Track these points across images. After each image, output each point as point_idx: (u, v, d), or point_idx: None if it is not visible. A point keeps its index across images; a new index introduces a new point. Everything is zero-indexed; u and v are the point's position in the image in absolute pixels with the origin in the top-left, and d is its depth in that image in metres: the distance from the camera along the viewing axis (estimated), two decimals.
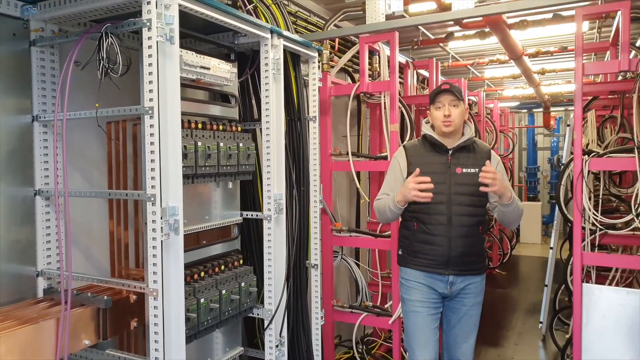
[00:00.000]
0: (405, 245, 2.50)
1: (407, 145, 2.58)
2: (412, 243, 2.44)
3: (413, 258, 2.44)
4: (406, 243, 2.49)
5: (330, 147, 3.77)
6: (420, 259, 2.41)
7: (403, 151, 2.52)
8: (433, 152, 2.44)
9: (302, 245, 2.66)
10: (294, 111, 2.64)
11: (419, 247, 2.41)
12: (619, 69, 2.93)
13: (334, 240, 3.76)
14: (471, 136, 2.46)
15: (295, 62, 2.66)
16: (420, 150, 2.47)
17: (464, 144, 2.42)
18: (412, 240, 2.44)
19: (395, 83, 3.51)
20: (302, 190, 2.65)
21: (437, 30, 5.10)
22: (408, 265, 2.45)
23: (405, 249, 2.49)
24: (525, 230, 10.16)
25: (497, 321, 5.47)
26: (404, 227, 2.53)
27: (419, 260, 2.41)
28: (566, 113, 12.04)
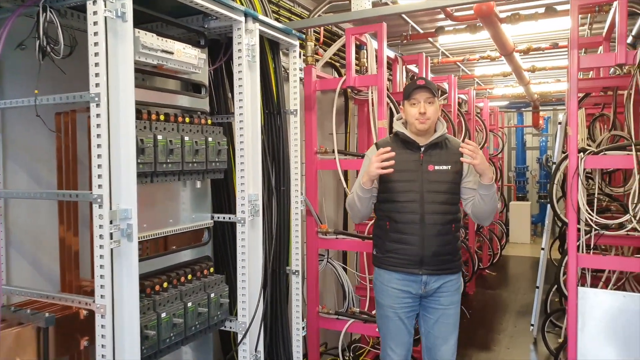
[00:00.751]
0: (378, 244, 2.46)
1: (380, 143, 2.51)
2: (385, 242, 2.39)
3: (387, 258, 2.39)
4: (379, 242, 2.45)
5: (316, 144, 3.58)
6: (393, 259, 2.36)
7: (375, 149, 2.45)
8: (405, 150, 2.39)
9: (282, 250, 2.46)
10: (273, 104, 2.44)
11: (392, 247, 2.37)
12: (615, 62, 2.78)
13: (319, 242, 3.57)
14: (443, 133, 2.41)
15: (275, 50, 2.46)
16: (392, 148, 2.35)
17: (436, 141, 2.38)
18: (385, 240, 2.39)
19: (383, 77, 3.33)
20: (282, 190, 2.45)
21: (427, 25, 4.93)
22: (382, 266, 2.41)
23: (379, 249, 2.45)
24: (514, 230, 10.08)
25: (488, 323, 5.33)
26: (377, 226, 2.49)
27: (391, 259, 2.37)
28: (555, 113, 11.99)
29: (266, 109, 2.44)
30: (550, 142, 11.94)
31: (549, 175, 11.40)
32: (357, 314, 3.48)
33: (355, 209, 2.41)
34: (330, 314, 3.53)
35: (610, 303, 2.79)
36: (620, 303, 2.77)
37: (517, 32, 4.84)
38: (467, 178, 2.41)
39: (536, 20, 3.87)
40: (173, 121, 1.84)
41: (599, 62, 3.06)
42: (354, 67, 3.50)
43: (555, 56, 6.21)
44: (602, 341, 2.81)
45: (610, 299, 2.80)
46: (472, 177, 2.39)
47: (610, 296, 2.81)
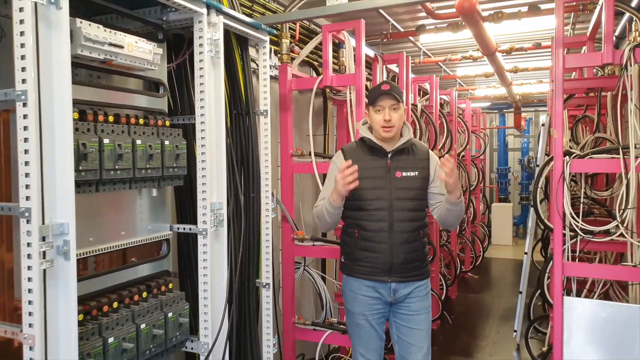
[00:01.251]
0: (347, 252, 2.40)
1: (346, 148, 2.45)
2: (354, 250, 2.34)
3: (355, 266, 2.34)
4: (348, 250, 2.39)
5: (292, 146, 3.41)
6: (362, 267, 2.32)
7: (342, 155, 2.40)
8: (372, 156, 2.34)
9: (251, 261, 2.28)
10: (241, 104, 2.27)
11: (360, 255, 2.32)
12: (602, 61, 2.67)
13: (295, 250, 3.40)
14: (410, 138, 2.37)
15: (243, 46, 2.29)
16: (358, 154, 2.35)
17: (402, 147, 2.34)
18: (354, 248, 2.34)
19: (362, 76, 3.18)
20: (252, 197, 2.28)
21: (408, 23, 4.80)
22: (351, 273, 2.36)
23: (347, 257, 2.40)
24: (496, 232, 10.04)
25: (470, 329, 5.23)
26: (345, 233, 2.43)
27: (361, 267, 2.32)
28: (536, 114, 12.01)
29: (234, 109, 2.27)
30: (532, 144, 11.96)
31: (531, 177, 11.48)
32: (335, 325, 3.32)
33: (324, 221, 2.33)
34: (307, 325, 3.36)
35: (597, 313, 2.68)
36: (608, 313, 2.66)
37: (500, 31, 4.74)
38: (434, 183, 2.37)
39: (519, 19, 3.76)
40: (124, 123, 1.65)
41: (585, 61, 2.96)
42: (331, 66, 3.34)
43: (537, 57, 6.14)
44: (589, 352, 2.70)
45: (597, 309, 2.68)
46: (438, 182, 2.34)
47: (597, 306, 2.69)
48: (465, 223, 7.01)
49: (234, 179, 2.14)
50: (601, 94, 3.78)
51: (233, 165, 2.14)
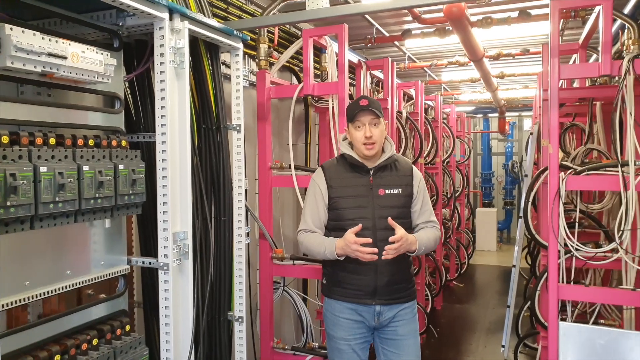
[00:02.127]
0: (328, 274, 2.30)
1: (326, 165, 2.34)
2: (336, 272, 2.24)
3: (337, 288, 2.24)
4: (329, 272, 2.29)
5: (270, 158, 3.19)
6: (344, 289, 2.22)
7: (322, 173, 2.30)
8: (353, 173, 2.25)
9: (222, 293, 2.06)
10: (212, 118, 2.05)
11: (343, 277, 2.21)
12: (599, 72, 2.52)
13: (274, 269, 3.18)
14: (392, 154, 2.29)
15: (213, 54, 2.06)
16: (340, 172, 2.27)
17: (385, 163, 2.26)
18: (336, 269, 2.23)
19: (345, 84, 2.98)
20: (223, 222, 2.06)
21: (393, 28, 4.62)
22: (332, 296, 2.26)
23: (329, 278, 2.29)
24: (481, 238, 9.97)
25: (456, 343, 5.07)
26: None
27: (343, 290, 2.22)
28: (520, 118, 11.98)
29: (203, 123, 2.05)
30: (516, 148, 11.93)
31: (515, 182, 11.45)
32: (317, 349, 3.12)
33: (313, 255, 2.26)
34: (287, 350, 3.15)
35: (594, 340, 2.52)
36: (606, 340, 2.50)
37: (487, 37, 4.60)
38: (415, 201, 2.30)
39: (509, 24, 3.61)
40: (69, 145, 1.42)
41: (582, 72, 2.80)
42: (313, 73, 3.13)
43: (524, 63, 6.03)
44: None
45: (594, 335, 2.53)
46: (419, 201, 2.30)
47: (594, 332, 2.54)
48: (450, 230, 6.87)
49: (202, 203, 1.91)
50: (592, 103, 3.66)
51: (201, 187, 1.91)
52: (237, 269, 2.13)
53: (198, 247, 1.87)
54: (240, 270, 2.13)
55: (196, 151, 1.91)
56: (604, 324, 3.35)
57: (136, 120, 1.99)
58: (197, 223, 1.88)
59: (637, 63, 2.45)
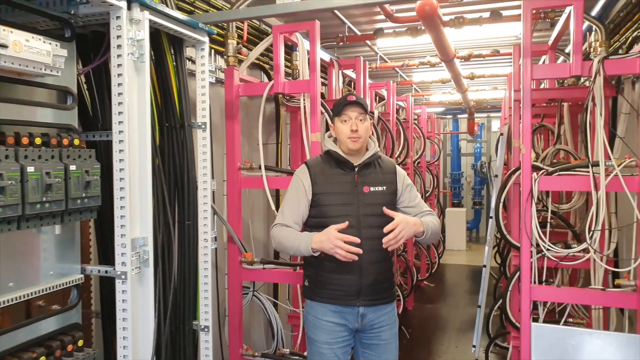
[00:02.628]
0: (311, 275, 2.24)
1: (310, 162, 2.32)
2: (319, 273, 2.19)
3: (320, 289, 2.19)
4: (312, 273, 2.23)
5: (239, 159, 3.09)
6: (328, 290, 2.17)
7: (306, 169, 2.26)
8: (338, 170, 2.23)
9: (187, 301, 1.95)
10: (175, 116, 1.93)
11: (327, 277, 2.17)
12: (570, 73, 2.52)
13: (243, 274, 3.08)
14: (376, 151, 2.29)
15: (177, 48, 1.95)
16: (324, 168, 2.24)
17: (369, 160, 2.26)
18: (319, 270, 2.19)
19: (317, 82, 2.90)
20: (187, 226, 1.94)
21: (365, 26, 4.57)
22: (315, 298, 2.21)
23: (311, 280, 2.24)
24: (450, 237, 10.06)
25: (428, 344, 5.07)
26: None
27: (327, 291, 2.18)
28: (488, 119, 12.16)
29: (166, 121, 1.93)
30: (485, 149, 12.10)
31: (484, 182, 11.61)
32: (287, 355, 3.04)
33: (286, 251, 2.19)
34: (256, 356, 3.05)
35: (565, 340, 2.51)
36: (577, 341, 2.50)
37: (459, 37, 4.59)
38: (401, 198, 2.29)
39: (481, 25, 3.60)
40: (12, 144, 1.29)
41: (554, 72, 2.80)
42: (283, 71, 3.04)
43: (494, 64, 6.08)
44: None
45: (565, 336, 2.52)
46: (407, 195, 2.30)
47: (565, 333, 2.53)
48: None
49: (164, 206, 1.80)
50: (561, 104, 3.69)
51: (163, 190, 1.79)
52: (202, 275, 2.01)
53: (160, 253, 1.76)
54: (206, 277, 2.02)
55: (158, 151, 1.79)
56: (572, 322, 3.39)
57: (93, 117, 1.86)
58: (159, 228, 1.76)
59: (606, 64, 2.46)
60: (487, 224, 12.00)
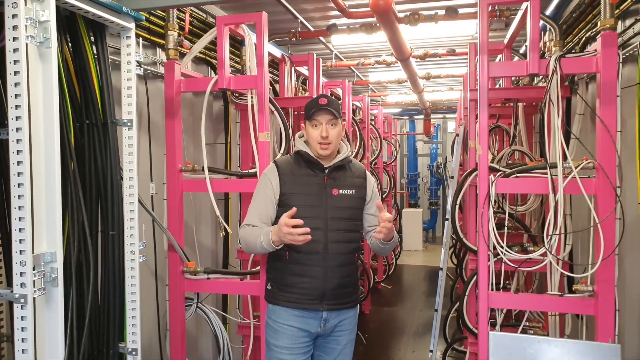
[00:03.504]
0: (275, 278, 2.21)
1: (279, 161, 2.27)
2: (284, 276, 2.16)
3: (284, 293, 2.16)
4: (276, 276, 2.20)
5: (181, 160, 2.84)
6: (292, 294, 2.14)
7: (275, 168, 2.22)
8: (308, 171, 2.20)
9: (111, 322, 1.71)
10: (96, 112, 1.68)
11: (291, 280, 2.14)
12: (527, 71, 2.43)
13: (185, 284, 2.84)
14: (347, 155, 2.26)
15: (98, 36, 1.70)
16: (294, 168, 2.21)
17: (340, 163, 2.22)
18: (284, 273, 2.16)
19: (265, 78, 2.70)
20: (111, 237, 1.70)
21: (319, 22, 4.40)
22: (278, 302, 2.17)
23: (274, 283, 2.20)
24: (407, 238, 10.08)
25: (385, 349, 4.96)
26: (274, 257, 2.21)
27: (290, 295, 2.14)
28: (444, 120, 12.29)
29: (86, 118, 1.68)
30: (440, 149, 12.22)
31: (440, 182, 11.72)
32: None
33: (254, 251, 2.16)
34: None
35: (524, 349, 2.43)
36: (535, 349, 2.42)
37: (414, 36, 4.50)
38: (368, 205, 2.26)
39: (436, 22, 3.49)
40: None
41: (511, 70, 2.71)
42: (229, 65, 2.82)
43: (450, 64, 6.06)
44: None
45: (524, 344, 2.44)
46: (372, 203, 2.26)
47: (524, 341, 2.45)
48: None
49: (79, 215, 1.55)
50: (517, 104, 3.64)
51: (79, 196, 1.54)
52: (129, 292, 1.77)
53: (75, 270, 1.51)
54: (134, 294, 1.78)
55: (73, 152, 1.54)
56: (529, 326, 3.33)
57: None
58: (74, 240, 1.51)
59: (563, 62, 2.39)
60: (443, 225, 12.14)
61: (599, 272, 2.29)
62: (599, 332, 2.35)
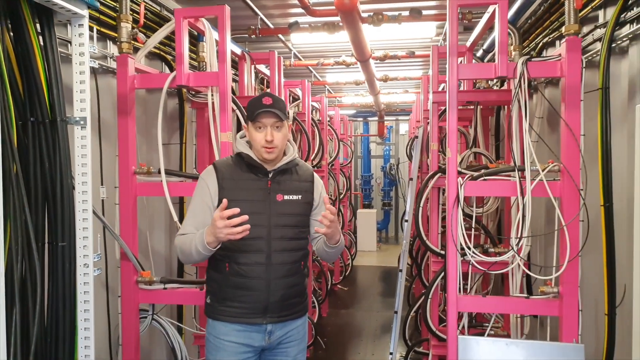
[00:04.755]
0: (214, 291, 2.04)
1: (219, 164, 2.08)
2: (223, 289, 2.00)
3: (224, 307, 1.99)
4: (215, 288, 2.03)
5: (134, 161, 2.65)
6: (232, 308, 1.98)
7: (213, 172, 2.03)
8: (250, 175, 2.03)
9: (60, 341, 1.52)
10: (43, 108, 1.50)
11: (231, 293, 1.98)
12: (496, 74, 2.43)
13: (140, 295, 2.64)
14: (294, 157, 2.09)
15: (46, 23, 1.51)
16: (235, 172, 2.03)
17: (286, 167, 2.06)
18: (223, 285, 2.00)
19: (227, 75, 2.56)
20: (61, 248, 1.52)
21: (278, 20, 4.29)
22: (217, 316, 2.01)
23: (214, 296, 2.04)
24: (362, 239, 10.11)
25: (344, 353, 4.91)
26: (213, 268, 2.05)
27: (231, 309, 1.98)
28: (397, 122, 12.45)
29: (31, 115, 1.49)
30: (393, 151, 12.36)
31: (393, 183, 11.85)
32: None
33: (192, 259, 1.93)
34: None
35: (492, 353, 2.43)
36: (503, 352, 2.42)
37: (375, 37, 4.47)
38: (316, 210, 2.11)
39: (400, 23, 3.47)
40: None
41: (479, 73, 2.71)
42: (187, 62, 2.66)
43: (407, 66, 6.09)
44: None
45: (492, 347, 2.44)
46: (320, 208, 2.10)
47: (492, 344, 2.44)
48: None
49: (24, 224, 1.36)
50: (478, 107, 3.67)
51: (24, 203, 1.36)
52: (82, 310, 1.59)
53: (19, 287, 1.33)
54: (88, 312, 1.60)
55: (15, 154, 1.36)
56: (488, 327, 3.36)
57: None
58: (18, 254, 1.33)
59: (530, 66, 2.40)
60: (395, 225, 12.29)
61: (564, 274, 2.31)
62: (563, 333, 2.37)
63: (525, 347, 2.41)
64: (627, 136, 2.33)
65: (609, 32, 2.27)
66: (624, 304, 2.32)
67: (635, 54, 2.27)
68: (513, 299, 2.52)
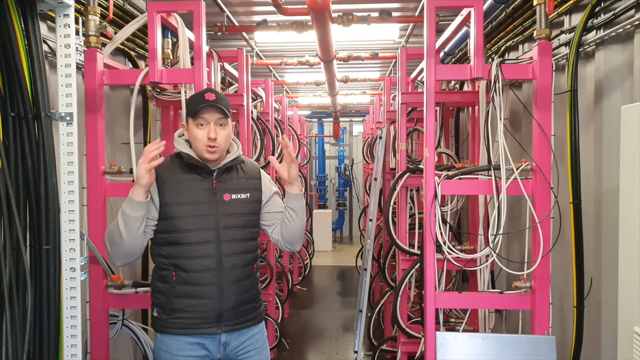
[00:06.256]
0: (161, 303, 1.91)
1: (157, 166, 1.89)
2: (171, 299, 1.87)
3: (174, 319, 1.87)
4: (162, 300, 1.90)
5: (104, 161, 2.52)
6: (183, 320, 1.87)
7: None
8: (193, 176, 1.91)
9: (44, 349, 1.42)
10: (26, 103, 1.39)
11: (180, 304, 1.87)
12: (471, 75, 2.49)
13: (110, 300, 2.52)
14: (239, 154, 2.01)
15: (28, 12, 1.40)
16: (175, 173, 1.91)
17: (230, 164, 1.96)
18: (171, 296, 1.87)
19: (202, 72, 2.49)
20: (46, 252, 1.41)
21: (243, 18, 4.22)
22: (167, 330, 1.88)
23: (161, 308, 1.91)
24: (318, 239, 10.15)
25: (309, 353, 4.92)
26: (158, 278, 1.93)
27: (181, 321, 1.87)
28: (350, 123, 12.58)
29: (12, 110, 1.38)
30: (347, 152, 12.48)
31: (347, 184, 11.96)
32: None
33: (118, 241, 1.80)
34: None
35: (469, 348, 2.49)
36: (479, 346, 2.49)
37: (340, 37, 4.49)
38: (268, 203, 2.05)
39: (369, 24, 3.50)
40: None
41: (456, 74, 2.77)
42: (161, 58, 2.56)
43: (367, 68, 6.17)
44: None
45: (469, 342, 2.50)
46: (272, 202, 2.06)
47: (468, 339, 2.51)
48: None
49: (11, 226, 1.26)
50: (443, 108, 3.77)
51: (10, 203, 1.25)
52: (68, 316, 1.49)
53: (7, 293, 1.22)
54: (74, 319, 1.50)
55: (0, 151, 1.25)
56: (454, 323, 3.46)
57: None
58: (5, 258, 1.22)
59: (503, 68, 2.48)
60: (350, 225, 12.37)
61: (536, 269, 2.41)
62: (535, 326, 2.47)
63: (500, 341, 2.49)
64: (594, 137, 2.47)
65: (577, 38, 2.39)
66: (590, 297, 2.45)
67: (602, 58, 2.41)
68: (487, 295, 2.61)
